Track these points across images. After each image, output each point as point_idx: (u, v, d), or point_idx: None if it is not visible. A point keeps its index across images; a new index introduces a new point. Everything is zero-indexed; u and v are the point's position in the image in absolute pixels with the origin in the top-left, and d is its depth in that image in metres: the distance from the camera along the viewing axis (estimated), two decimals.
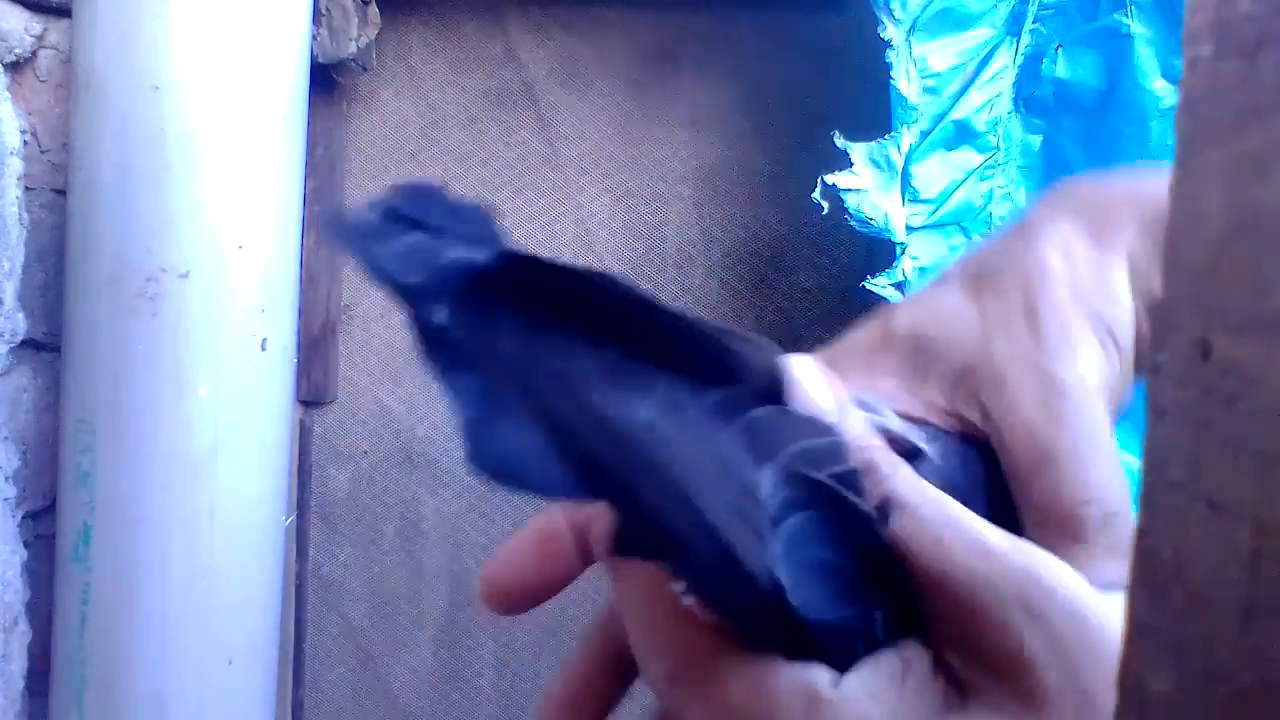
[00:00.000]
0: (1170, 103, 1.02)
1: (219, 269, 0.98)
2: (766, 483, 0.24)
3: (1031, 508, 0.27)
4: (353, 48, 1.17)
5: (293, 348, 1.10)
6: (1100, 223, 0.29)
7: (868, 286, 1.06)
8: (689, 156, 1.31)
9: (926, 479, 0.27)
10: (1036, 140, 1.12)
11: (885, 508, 0.25)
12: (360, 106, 1.32)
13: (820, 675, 0.24)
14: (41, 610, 1.09)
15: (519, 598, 0.30)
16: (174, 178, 0.96)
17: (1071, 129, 1.10)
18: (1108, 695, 0.22)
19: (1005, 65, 1.09)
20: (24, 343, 1.06)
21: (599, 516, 0.28)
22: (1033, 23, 1.08)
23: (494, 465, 0.22)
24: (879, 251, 1.12)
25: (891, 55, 1.03)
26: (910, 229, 1.07)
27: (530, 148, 1.32)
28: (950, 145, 1.09)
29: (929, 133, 1.07)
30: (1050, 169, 1.11)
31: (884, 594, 0.25)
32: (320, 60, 1.14)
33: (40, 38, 1.07)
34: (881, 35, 1.02)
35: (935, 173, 1.08)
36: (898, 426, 0.28)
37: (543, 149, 1.32)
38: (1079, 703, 0.24)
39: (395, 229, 0.22)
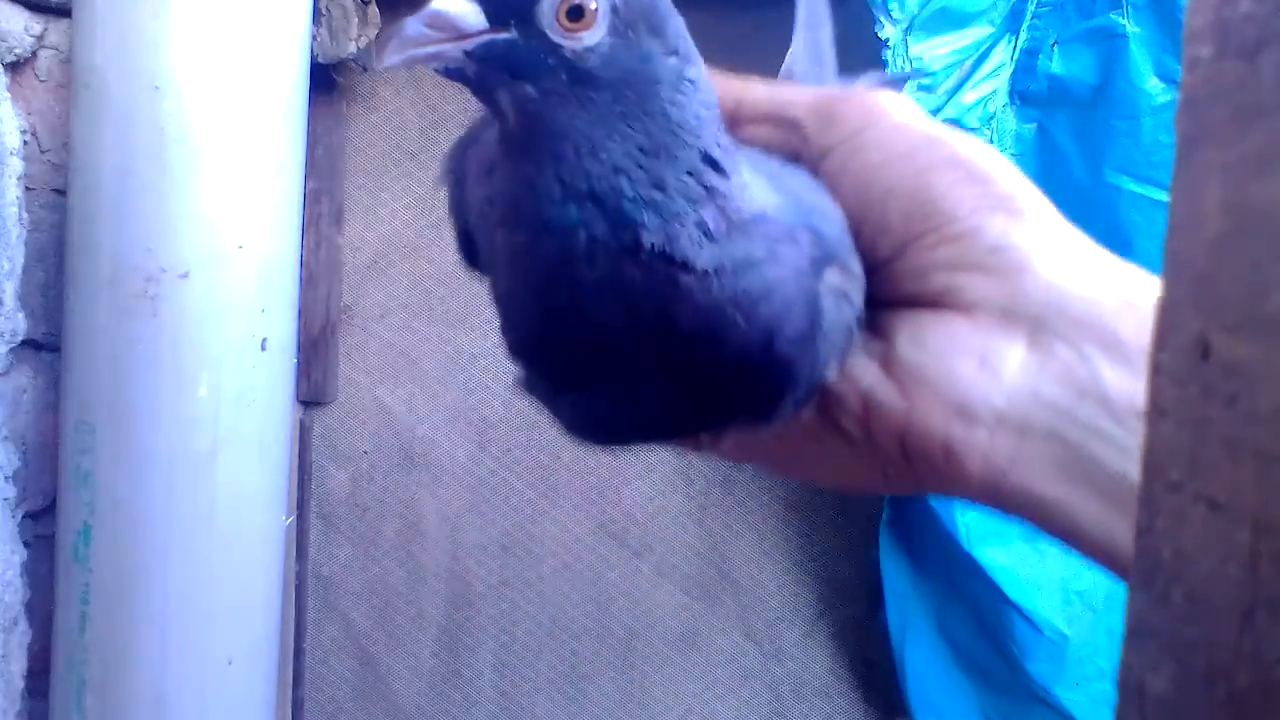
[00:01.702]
0: (1163, 100, 1.03)
1: (219, 269, 0.98)
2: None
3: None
4: (353, 48, 1.17)
5: (293, 348, 1.10)
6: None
7: None
8: None
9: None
10: (1030, 129, 1.12)
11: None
12: (360, 106, 1.32)
13: None
14: (41, 610, 1.09)
15: None
16: (174, 178, 0.96)
17: (1064, 121, 1.11)
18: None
19: (1002, 62, 1.10)
20: (24, 343, 1.06)
21: None
22: (1030, 19, 1.09)
23: None
24: None
25: (887, 54, 1.03)
26: None
27: None
28: None
29: None
30: (1043, 158, 1.12)
31: None
32: (320, 60, 1.14)
33: (40, 38, 1.07)
34: (879, 35, 1.02)
35: None
36: None
37: None
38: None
39: None
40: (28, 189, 1.06)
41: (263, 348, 1.02)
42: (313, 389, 1.32)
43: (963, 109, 1.09)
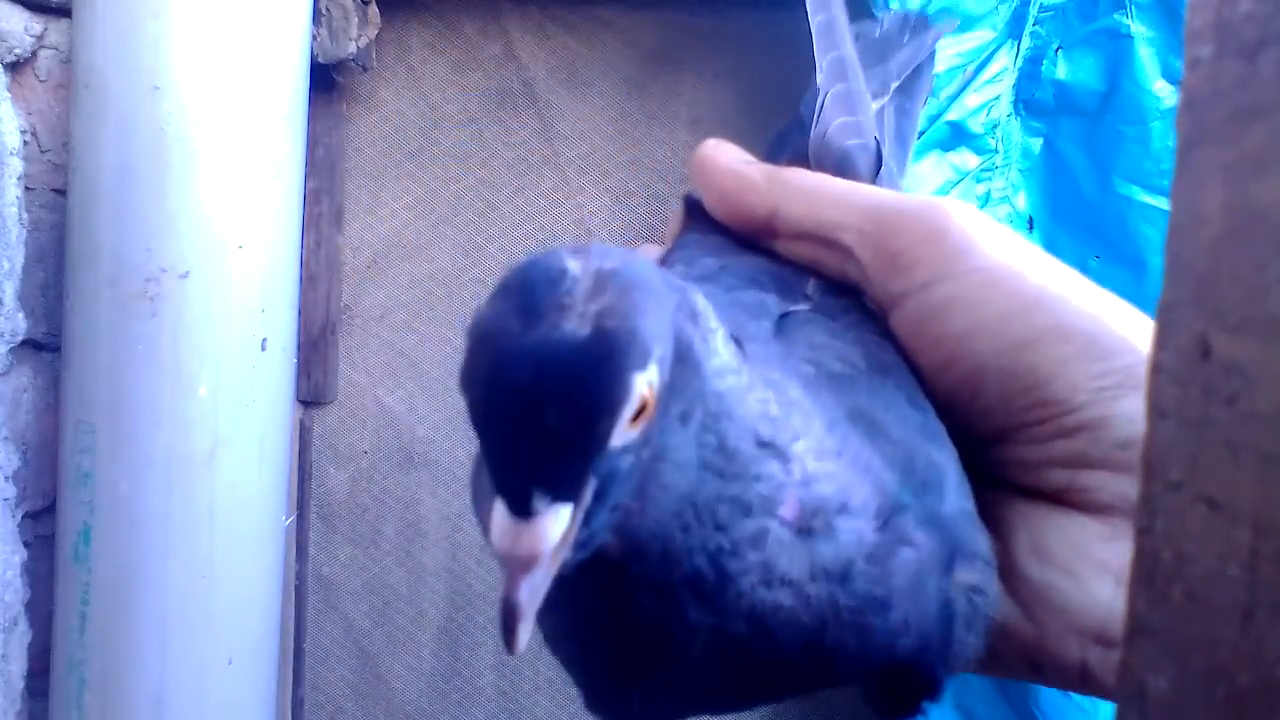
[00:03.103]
0: (1171, 103, 1.02)
1: (219, 269, 0.98)
2: None
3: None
4: (353, 48, 1.17)
5: (293, 348, 1.10)
6: None
7: None
8: (689, 156, 1.30)
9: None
10: (1037, 143, 1.11)
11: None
12: (360, 106, 1.32)
13: None
14: (41, 610, 1.09)
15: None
16: (174, 178, 0.96)
17: (1072, 131, 1.09)
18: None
19: (1005, 67, 1.09)
20: (24, 343, 1.06)
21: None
22: (1033, 25, 1.08)
23: None
24: None
25: None
26: None
27: (530, 148, 1.32)
28: (947, 147, 1.09)
29: (923, 133, 1.06)
30: (1051, 172, 1.10)
31: None
32: (320, 60, 1.14)
33: (40, 38, 1.07)
34: None
35: (930, 174, 1.08)
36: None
37: (543, 149, 1.32)
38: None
39: None
40: (28, 189, 1.06)
41: (263, 348, 1.02)
42: (313, 389, 1.32)
43: (966, 113, 1.08)
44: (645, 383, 0.23)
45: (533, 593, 0.23)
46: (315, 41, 1.12)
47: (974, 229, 0.29)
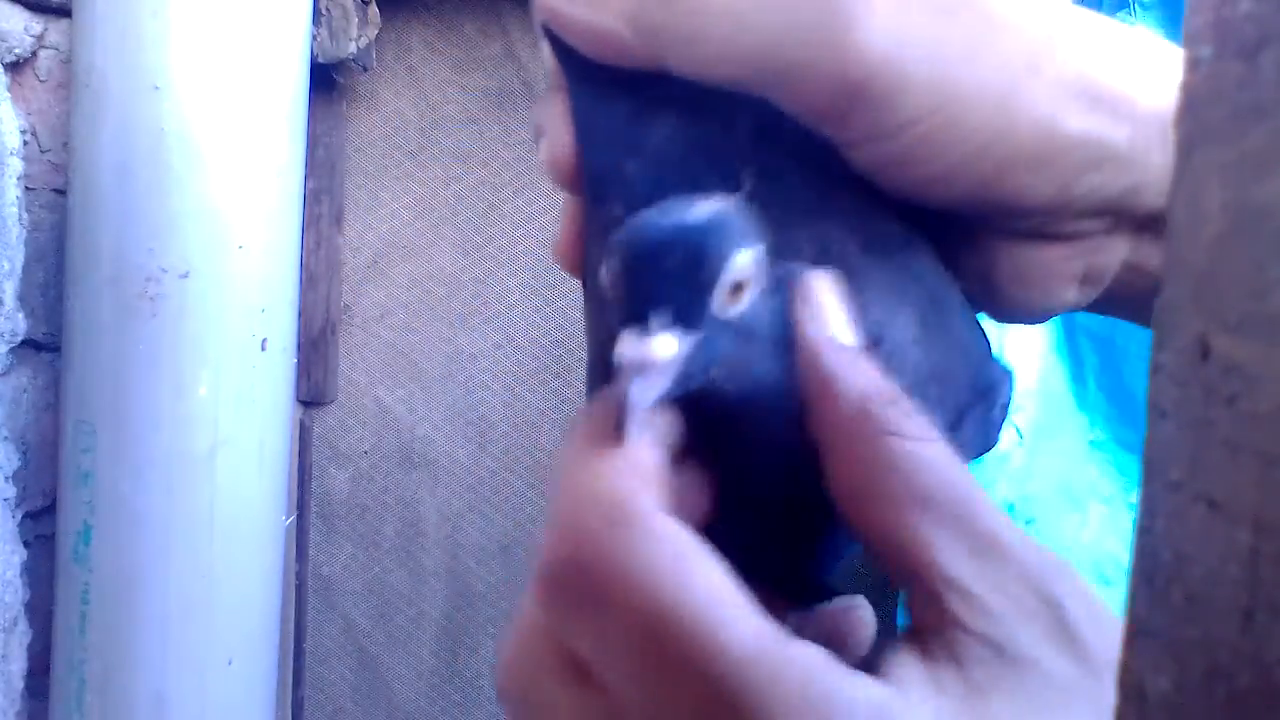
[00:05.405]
0: None
1: (219, 269, 0.98)
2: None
3: None
4: (353, 48, 1.17)
5: (293, 348, 1.10)
6: None
7: None
8: None
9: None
10: None
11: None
12: (360, 106, 1.32)
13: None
14: (41, 610, 1.09)
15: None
16: (174, 178, 0.96)
17: None
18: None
19: None
20: (24, 343, 1.06)
21: None
22: None
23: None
24: None
25: None
26: None
27: (530, 148, 1.32)
28: None
29: None
30: None
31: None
32: (320, 60, 1.14)
33: (40, 38, 1.07)
34: None
35: None
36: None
37: None
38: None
39: None
40: (28, 189, 1.06)
41: (263, 348, 1.02)
42: (313, 389, 1.32)
43: None
44: (746, 258, 0.27)
45: (642, 392, 0.26)
46: (315, 41, 1.12)
47: (888, 66, 0.26)
